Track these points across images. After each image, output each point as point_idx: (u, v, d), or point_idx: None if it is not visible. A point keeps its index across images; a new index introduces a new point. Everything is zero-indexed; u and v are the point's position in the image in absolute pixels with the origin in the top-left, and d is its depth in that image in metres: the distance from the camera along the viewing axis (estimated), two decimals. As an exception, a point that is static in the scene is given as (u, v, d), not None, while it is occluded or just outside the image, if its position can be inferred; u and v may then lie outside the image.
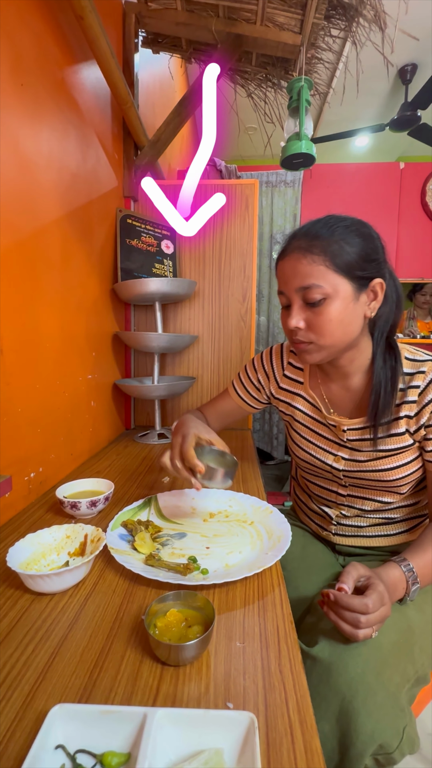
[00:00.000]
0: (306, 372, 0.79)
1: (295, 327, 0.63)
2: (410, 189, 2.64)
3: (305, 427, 0.78)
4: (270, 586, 0.53)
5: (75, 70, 0.93)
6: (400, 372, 0.65)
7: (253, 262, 1.39)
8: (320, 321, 0.61)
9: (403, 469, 0.68)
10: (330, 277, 0.60)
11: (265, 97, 1.56)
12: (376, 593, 0.49)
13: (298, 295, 0.62)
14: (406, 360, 0.67)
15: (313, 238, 0.61)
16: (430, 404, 0.63)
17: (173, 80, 2.12)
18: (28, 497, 0.78)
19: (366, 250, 0.61)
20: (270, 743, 0.32)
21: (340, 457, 0.73)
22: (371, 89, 3.08)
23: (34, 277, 0.79)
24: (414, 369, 0.66)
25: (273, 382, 0.84)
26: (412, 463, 0.68)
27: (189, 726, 0.31)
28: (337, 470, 0.74)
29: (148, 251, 1.32)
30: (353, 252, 0.60)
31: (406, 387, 0.65)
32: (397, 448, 0.67)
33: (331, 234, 0.60)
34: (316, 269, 0.60)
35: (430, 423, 0.64)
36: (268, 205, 2.66)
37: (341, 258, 0.60)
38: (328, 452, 0.75)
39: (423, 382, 0.64)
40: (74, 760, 0.30)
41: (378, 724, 0.47)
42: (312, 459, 0.77)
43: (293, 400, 0.80)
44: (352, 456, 0.72)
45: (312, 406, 0.77)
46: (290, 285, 0.63)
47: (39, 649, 0.42)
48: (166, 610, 0.44)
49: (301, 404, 0.79)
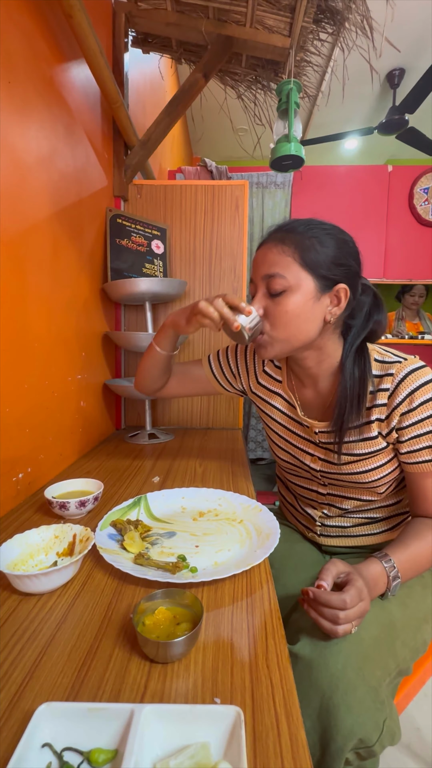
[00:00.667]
0: (284, 371, 0.79)
1: None
2: (398, 191, 2.68)
3: (283, 426, 0.79)
4: (258, 583, 0.54)
5: (64, 69, 0.93)
6: (369, 376, 0.65)
7: (243, 263, 1.39)
8: (277, 311, 0.63)
9: (378, 471, 0.68)
10: (295, 269, 0.61)
11: (255, 99, 1.57)
12: (354, 588, 0.50)
13: (263, 283, 0.64)
14: (375, 362, 0.66)
15: (289, 232, 0.63)
16: (399, 407, 0.63)
17: (163, 80, 2.12)
18: (16, 498, 0.77)
19: (337, 254, 0.62)
20: (257, 736, 0.33)
21: (316, 457, 0.74)
22: (360, 93, 3.12)
23: (22, 276, 0.78)
24: (382, 371, 0.65)
25: (252, 376, 0.83)
26: (387, 465, 0.68)
27: (176, 721, 0.32)
28: (314, 470, 0.75)
29: (138, 251, 1.32)
30: (323, 252, 0.61)
31: (376, 390, 0.65)
32: (369, 452, 0.67)
33: (307, 231, 0.62)
34: (283, 260, 0.62)
35: (401, 426, 0.63)
36: (258, 206, 2.68)
37: (309, 255, 0.61)
38: (305, 452, 0.76)
39: (391, 385, 0.63)
40: (61, 758, 0.30)
41: (358, 719, 0.48)
42: (290, 458, 0.78)
43: (271, 398, 0.80)
44: (328, 457, 0.72)
45: (288, 404, 0.77)
46: (258, 272, 0.65)
47: (26, 649, 0.42)
48: (155, 608, 0.44)
49: (279, 402, 0.79)
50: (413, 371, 0.63)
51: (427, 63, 2.64)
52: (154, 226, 1.36)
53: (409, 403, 0.62)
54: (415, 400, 0.62)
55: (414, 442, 0.63)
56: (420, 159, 3.65)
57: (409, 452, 0.64)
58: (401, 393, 0.62)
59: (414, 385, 0.62)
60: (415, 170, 2.67)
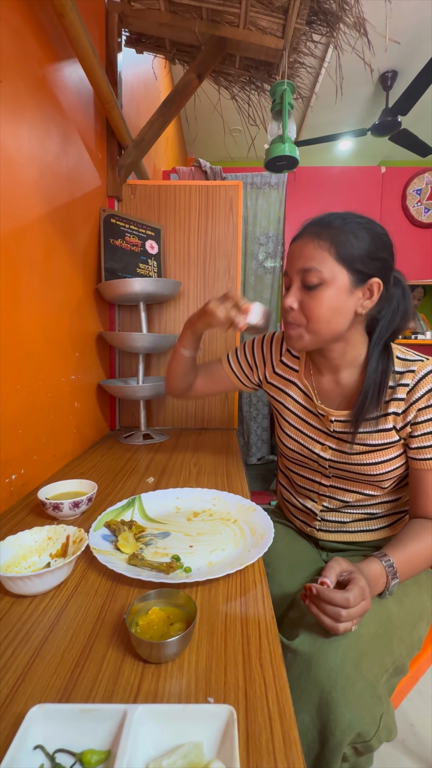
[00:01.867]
0: (302, 361, 0.80)
1: (289, 306, 0.66)
2: (391, 193, 2.70)
3: (295, 415, 0.79)
4: (252, 582, 0.54)
5: (56, 68, 0.93)
6: (391, 371, 0.67)
7: (237, 263, 1.40)
8: (312, 304, 0.64)
9: (387, 464, 0.70)
10: (330, 264, 0.62)
11: (249, 100, 1.57)
12: (358, 588, 0.50)
13: (298, 276, 0.65)
14: (397, 359, 0.69)
15: (325, 226, 0.64)
16: (417, 402, 0.65)
17: (157, 80, 2.12)
18: (9, 500, 0.77)
19: (372, 248, 0.63)
20: (250, 735, 0.33)
21: (327, 446, 0.75)
22: (353, 95, 3.14)
23: (14, 276, 0.78)
24: (404, 368, 0.68)
25: (269, 366, 0.85)
26: (396, 459, 0.70)
27: (169, 721, 0.32)
28: (323, 459, 0.75)
29: (132, 251, 1.31)
30: (359, 246, 0.62)
31: (396, 385, 0.67)
32: (383, 444, 0.69)
33: (343, 225, 0.63)
34: (319, 254, 0.62)
35: (416, 421, 0.66)
36: (252, 206, 2.68)
37: (345, 249, 0.62)
38: (316, 441, 0.76)
39: (412, 381, 0.66)
40: (53, 759, 0.30)
41: (356, 714, 0.48)
42: (299, 447, 0.78)
43: (287, 387, 0.81)
44: (339, 446, 0.73)
45: (304, 394, 0.78)
46: (294, 266, 0.66)
47: (19, 651, 0.41)
48: (148, 608, 0.44)
49: (294, 392, 0.80)
50: None
51: (419, 65, 2.66)
52: (148, 226, 1.36)
53: (427, 399, 0.65)
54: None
55: (425, 438, 0.65)
56: (413, 160, 3.69)
57: (419, 447, 0.66)
58: (421, 389, 0.65)
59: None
60: (408, 171, 2.69)
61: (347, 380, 0.73)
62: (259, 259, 2.78)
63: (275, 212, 2.68)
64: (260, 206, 2.68)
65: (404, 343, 2.57)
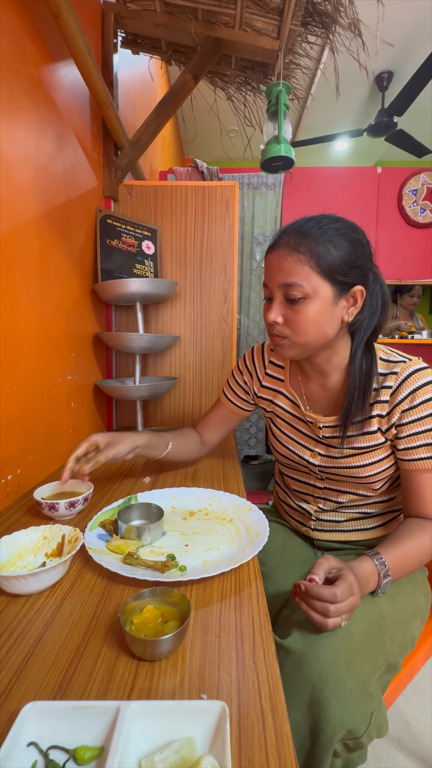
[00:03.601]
0: (287, 370, 0.81)
1: (273, 321, 0.65)
2: (387, 193, 2.71)
3: (285, 422, 0.80)
4: (247, 580, 0.54)
5: (52, 69, 0.93)
6: (375, 373, 0.67)
7: (233, 263, 1.40)
8: (297, 319, 0.63)
9: (375, 466, 0.70)
10: (312, 278, 0.61)
11: (245, 101, 1.58)
12: (345, 583, 0.51)
13: (280, 290, 0.64)
14: (381, 361, 0.69)
15: (303, 237, 0.61)
16: (400, 404, 0.65)
17: (153, 81, 2.12)
18: (5, 500, 0.77)
19: (351, 256, 0.62)
20: (242, 730, 0.33)
21: (316, 453, 0.75)
22: (349, 95, 3.15)
23: (10, 276, 0.78)
24: (387, 370, 0.68)
25: (256, 380, 0.85)
26: (384, 461, 0.70)
27: (162, 717, 0.32)
28: (313, 465, 0.76)
29: (129, 252, 1.32)
30: (338, 256, 0.61)
31: (380, 387, 0.67)
32: (369, 446, 0.69)
33: (321, 235, 0.61)
34: (300, 268, 0.61)
35: (400, 422, 0.66)
36: (249, 207, 2.69)
37: (326, 261, 0.61)
38: (306, 447, 0.77)
39: (395, 383, 0.66)
40: (46, 756, 0.30)
41: (347, 711, 0.48)
42: (290, 454, 0.79)
43: (275, 397, 0.82)
44: (328, 452, 0.74)
45: (292, 402, 0.79)
46: (274, 279, 0.64)
47: (14, 650, 0.42)
48: (143, 606, 0.44)
49: (281, 401, 0.80)
50: (417, 371, 0.65)
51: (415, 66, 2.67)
52: (144, 226, 1.36)
53: (410, 400, 0.64)
54: (417, 399, 0.64)
55: (412, 439, 0.65)
56: (409, 161, 3.70)
57: (406, 449, 0.66)
58: (404, 391, 0.65)
59: (416, 384, 0.64)
60: (404, 172, 2.70)
61: (333, 384, 0.73)
62: (256, 259, 2.79)
63: (272, 212, 2.69)
64: (257, 206, 2.68)
65: (401, 343, 2.58)
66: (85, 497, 0.72)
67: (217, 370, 1.43)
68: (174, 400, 1.45)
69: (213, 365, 1.43)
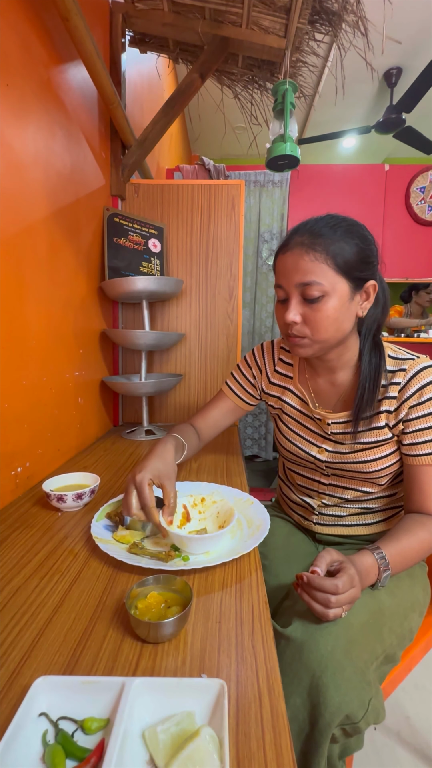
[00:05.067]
0: (295, 367, 0.82)
1: (292, 321, 0.65)
2: (395, 190, 2.69)
3: (293, 419, 0.81)
4: (248, 570, 0.56)
5: (61, 71, 0.95)
6: (383, 369, 0.69)
7: (239, 261, 1.41)
8: (317, 317, 0.64)
9: (382, 461, 0.71)
10: (330, 275, 0.62)
11: (252, 99, 1.58)
12: (347, 575, 0.52)
13: (297, 290, 0.64)
14: (389, 358, 0.70)
15: (316, 236, 0.63)
16: (408, 400, 0.67)
17: (161, 79, 2.13)
18: (15, 491, 0.80)
19: (364, 252, 0.64)
20: (240, 708, 0.35)
21: (324, 449, 0.77)
22: (357, 92, 3.13)
23: (20, 274, 0.80)
24: (396, 367, 0.69)
25: (264, 377, 0.86)
26: (391, 456, 0.71)
27: (164, 693, 0.34)
28: (320, 461, 0.77)
29: (136, 250, 1.33)
30: (353, 253, 0.63)
31: (388, 383, 0.69)
32: (376, 441, 0.71)
33: (334, 233, 0.63)
34: (317, 267, 0.62)
35: (407, 418, 0.67)
36: (255, 204, 2.69)
37: (342, 258, 0.62)
38: (313, 444, 0.78)
39: (403, 380, 0.67)
40: (56, 725, 0.32)
41: (345, 697, 0.50)
42: (297, 450, 0.80)
43: (283, 394, 0.83)
44: (336, 448, 0.75)
45: (300, 399, 0.80)
46: (291, 280, 0.64)
47: (25, 630, 0.44)
48: (147, 593, 0.46)
49: (289, 398, 0.82)
50: (425, 368, 0.67)
51: (424, 62, 2.65)
52: (151, 225, 1.38)
53: (418, 396, 0.66)
54: (424, 395, 0.66)
55: (417, 434, 0.67)
56: (417, 158, 3.67)
57: (411, 444, 0.68)
58: (412, 387, 0.66)
59: (424, 381, 0.66)
60: (412, 169, 2.68)
61: (342, 380, 0.75)
62: (263, 256, 2.79)
63: (279, 209, 2.69)
64: (264, 204, 2.68)
65: (408, 342, 2.57)
66: (91, 489, 0.74)
67: (221, 367, 1.45)
68: (179, 396, 1.47)
69: (218, 362, 1.45)
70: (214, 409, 0.91)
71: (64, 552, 0.60)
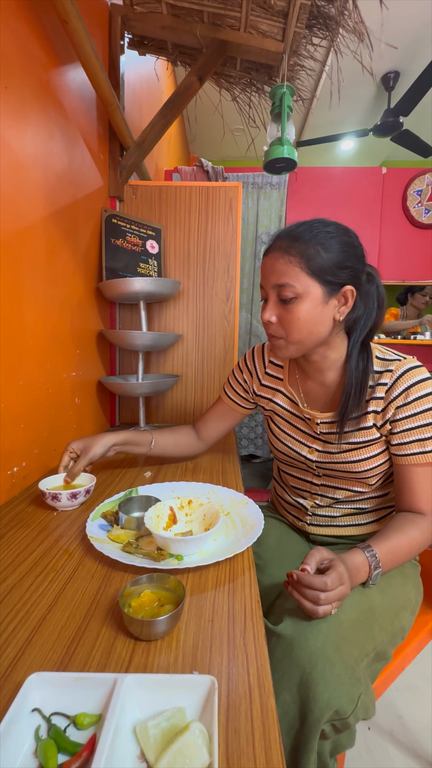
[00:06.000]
0: (286, 369, 0.83)
1: (267, 321, 0.68)
2: (392, 193, 2.71)
3: (284, 420, 0.82)
4: (241, 570, 0.57)
5: (60, 73, 0.95)
6: (371, 371, 0.70)
7: (236, 263, 1.42)
8: (290, 318, 0.66)
9: (370, 461, 0.72)
10: (303, 278, 0.64)
11: (250, 102, 1.59)
12: (336, 573, 0.53)
13: (274, 291, 0.67)
14: (377, 359, 0.71)
15: (294, 240, 0.65)
16: (395, 400, 0.68)
17: (159, 81, 2.13)
18: (11, 491, 0.80)
19: (341, 258, 0.65)
20: (230, 704, 0.35)
21: (314, 449, 0.77)
22: (355, 95, 3.15)
23: (17, 275, 0.80)
24: (383, 368, 0.70)
25: (255, 379, 0.87)
26: (379, 456, 0.72)
27: (155, 689, 0.34)
28: (310, 461, 0.78)
29: (133, 251, 1.34)
30: (328, 258, 0.64)
31: (375, 384, 0.70)
32: (364, 441, 0.72)
33: (312, 238, 0.64)
34: (291, 269, 0.64)
35: (395, 418, 0.68)
36: (253, 206, 2.70)
37: (315, 262, 0.64)
38: (303, 444, 0.79)
39: (390, 380, 0.68)
40: (49, 721, 0.33)
41: (334, 693, 0.51)
42: (288, 450, 0.81)
43: (274, 395, 0.84)
44: (325, 448, 0.76)
45: (290, 400, 0.81)
46: (268, 281, 0.68)
47: (19, 628, 0.44)
48: (140, 591, 0.47)
49: (280, 399, 0.83)
50: (411, 369, 0.68)
51: (421, 66, 2.67)
52: (149, 226, 1.38)
53: (405, 397, 0.67)
54: (411, 395, 0.67)
55: (405, 434, 0.68)
56: (414, 161, 3.69)
57: (399, 444, 0.69)
58: (399, 387, 0.67)
59: (410, 382, 0.67)
60: (409, 172, 2.70)
61: (331, 381, 0.76)
62: (260, 258, 2.80)
63: (276, 211, 2.70)
64: (262, 206, 2.69)
65: (404, 344, 2.59)
66: (87, 489, 0.74)
67: (218, 368, 1.46)
68: (176, 397, 1.47)
69: (215, 363, 1.45)
70: (213, 413, 0.95)
71: (59, 551, 0.60)
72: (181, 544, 0.57)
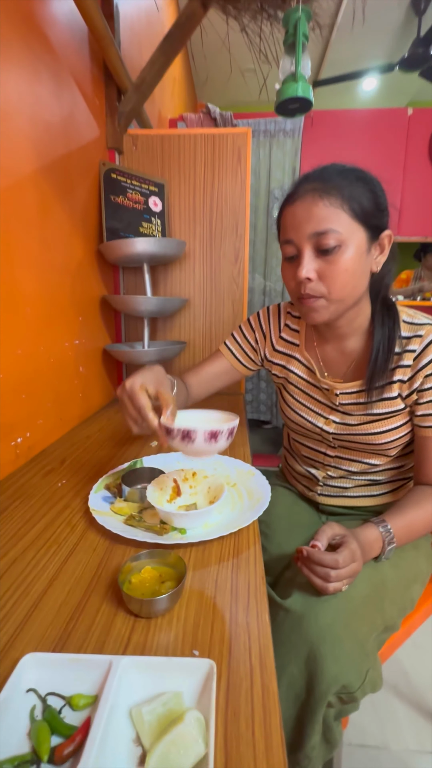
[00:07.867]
0: (302, 334, 0.77)
1: (305, 278, 0.58)
2: (418, 138, 2.47)
3: (298, 389, 0.77)
4: (246, 544, 0.55)
5: (45, 2, 0.84)
6: (398, 335, 0.64)
7: (245, 220, 1.33)
8: (334, 271, 0.58)
9: (392, 433, 0.68)
10: (347, 222, 0.56)
11: (261, 32, 1.42)
12: (348, 550, 0.51)
13: (310, 241, 0.58)
14: (404, 323, 0.65)
15: (328, 181, 0.57)
16: (424, 369, 0.62)
17: (159, 12, 1.92)
18: (15, 462, 0.79)
19: (380, 199, 0.59)
20: (230, 685, 0.34)
21: (331, 420, 0.73)
22: (380, 23, 2.81)
23: (7, 236, 0.75)
24: (411, 333, 0.64)
25: (269, 343, 0.81)
26: (402, 428, 0.68)
27: (152, 672, 0.33)
28: (327, 433, 0.74)
29: (135, 209, 1.26)
30: (368, 198, 0.57)
31: (402, 351, 0.64)
32: (388, 412, 0.67)
33: (346, 177, 0.57)
34: (333, 213, 0.56)
35: (422, 388, 0.63)
36: (265, 158, 2.51)
37: (359, 203, 0.56)
38: (320, 415, 0.75)
39: (419, 347, 0.62)
40: (45, 701, 0.32)
41: (343, 668, 0.50)
42: (303, 421, 0.77)
43: (288, 362, 0.78)
44: (344, 420, 0.72)
45: (306, 368, 0.76)
46: (302, 231, 0.58)
47: (18, 603, 0.44)
48: (141, 567, 0.46)
49: (296, 367, 0.77)
50: None
51: (458, -17, 2.33)
52: (151, 181, 1.29)
53: None
54: None
55: None
56: (445, 100, 3.34)
57: (424, 415, 0.64)
58: (428, 355, 0.62)
59: None
60: (438, 113, 2.44)
61: (353, 348, 0.70)
62: (273, 215, 2.64)
63: (290, 162, 2.50)
64: (275, 156, 2.50)
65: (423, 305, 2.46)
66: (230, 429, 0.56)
67: (227, 334, 1.40)
68: (183, 364, 1.44)
69: (223, 329, 1.40)
70: (209, 367, 0.85)
71: (62, 523, 0.60)
72: (183, 518, 0.55)
